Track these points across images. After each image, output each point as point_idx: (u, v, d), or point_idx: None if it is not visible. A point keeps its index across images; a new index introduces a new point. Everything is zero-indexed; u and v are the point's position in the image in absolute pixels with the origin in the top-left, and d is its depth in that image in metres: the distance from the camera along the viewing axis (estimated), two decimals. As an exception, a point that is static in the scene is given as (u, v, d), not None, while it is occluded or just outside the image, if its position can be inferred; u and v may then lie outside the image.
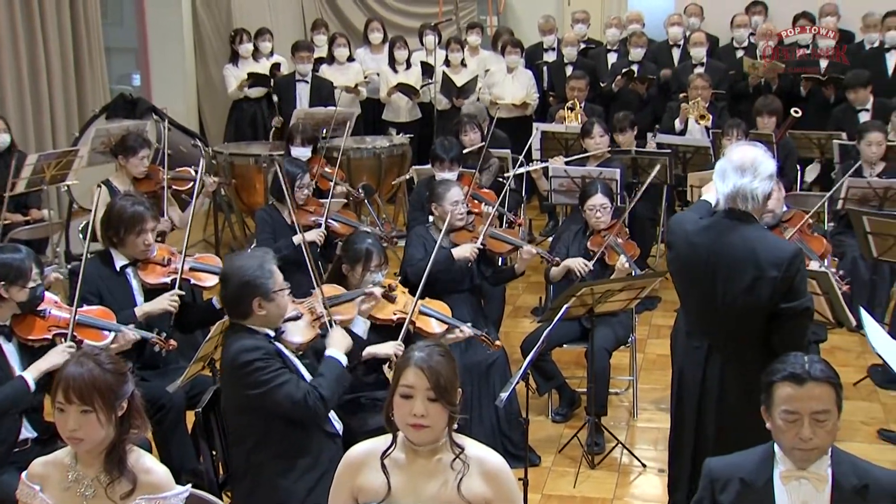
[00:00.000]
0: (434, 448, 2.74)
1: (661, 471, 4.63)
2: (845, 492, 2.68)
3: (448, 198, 5.15)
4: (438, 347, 2.82)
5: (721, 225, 3.45)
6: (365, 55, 9.61)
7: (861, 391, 5.56)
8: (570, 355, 5.76)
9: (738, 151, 3.49)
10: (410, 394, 2.69)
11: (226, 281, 3.65)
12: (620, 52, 9.22)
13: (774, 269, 3.35)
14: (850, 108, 7.85)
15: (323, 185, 6.46)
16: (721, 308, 3.44)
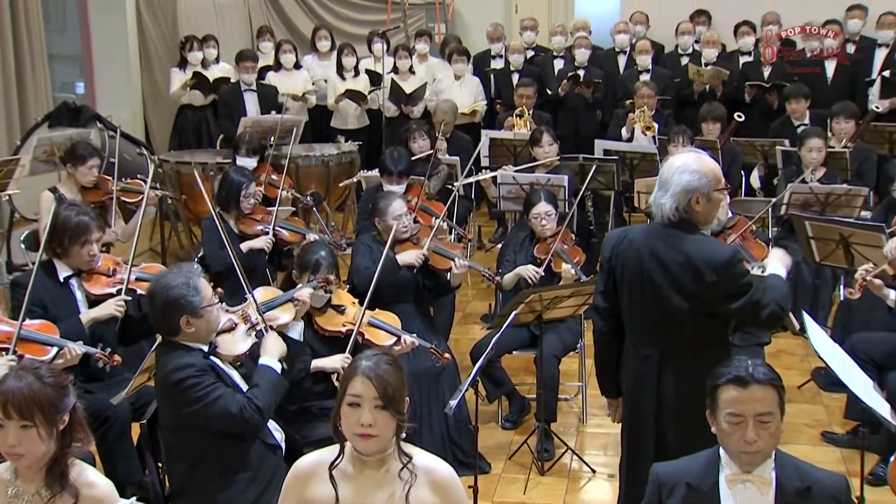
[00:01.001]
0: (382, 458, 2.72)
1: (611, 476, 4.66)
2: (789, 494, 2.71)
3: (390, 212, 5.13)
4: (386, 356, 2.81)
5: (661, 233, 3.48)
6: (313, 62, 9.56)
7: (805, 394, 5.64)
8: (519, 362, 5.77)
9: (669, 162, 3.52)
10: (358, 403, 2.67)
11: (152, 299, 3.55)
12: (567, 59, 9.29)
13: (713, 274, 3.38)
14: (789, 121, 7.98)
15: (270, 194, 6.41)
16: (671, 315, 3.46)
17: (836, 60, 8.72)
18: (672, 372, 3.48)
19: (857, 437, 4.10)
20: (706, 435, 2.82)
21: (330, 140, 8.98)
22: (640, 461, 3.58)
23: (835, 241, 5.41)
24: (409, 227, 5.21)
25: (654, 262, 3.45)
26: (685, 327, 3.48)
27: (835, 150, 6.93)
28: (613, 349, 3.68)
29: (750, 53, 9.14)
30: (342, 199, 8.33)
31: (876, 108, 8.06)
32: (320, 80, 9.33)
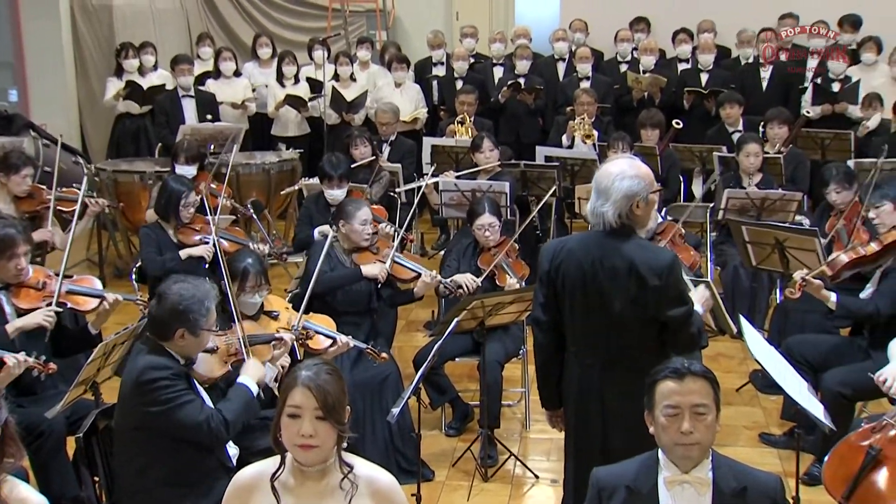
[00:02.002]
0: (323, 469, 2.71)
1: (554, 481, 4.69)
2: (725, 495, 2.76)
3: (359, 217, 5.12)
4: (326, 365, 2.79)
5: (601, 240, 3.50)
6: (253, 70, 9.49)
7: (743, 396, 5.73)
8: (462, 368, 5.78)
9: (604, 170, 3.53)
10: (298, 414, 2.65)
11: (161, 299, 3.56)
12: (506, 67, 9.33)
13: (656, 278, 3.43)
14: (724, 128, 8.11)
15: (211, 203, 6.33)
16: (615, 322, 3.49)
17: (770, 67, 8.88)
18: (616, 379, 3.51)
19: (793, 438, 4.17)
20: (651, 439, 2.86)
21: (271, 148, 8.91)
22: (587, 468, 3.60)
23: (770, 245, 5.51)
24: (370, 237, 5.21)
25: (598, 270, 3.47)
26: (628, 334, 3.51)
27: (769, 155, 7.06)
28: (555, 361, 3.69)
29: (688, 60, 9.28)
30: (283, 206, 8.28)
31: (807, 114, 8.24)
32: (261, 87, 9.26)
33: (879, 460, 3.69)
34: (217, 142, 7.67)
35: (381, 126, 7.94)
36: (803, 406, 3.67)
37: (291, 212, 8.26)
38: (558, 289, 3.57)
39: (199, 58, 9.45)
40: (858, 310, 4.69)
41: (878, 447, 3.72)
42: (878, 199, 4.79)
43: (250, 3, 11.26)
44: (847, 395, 4.54)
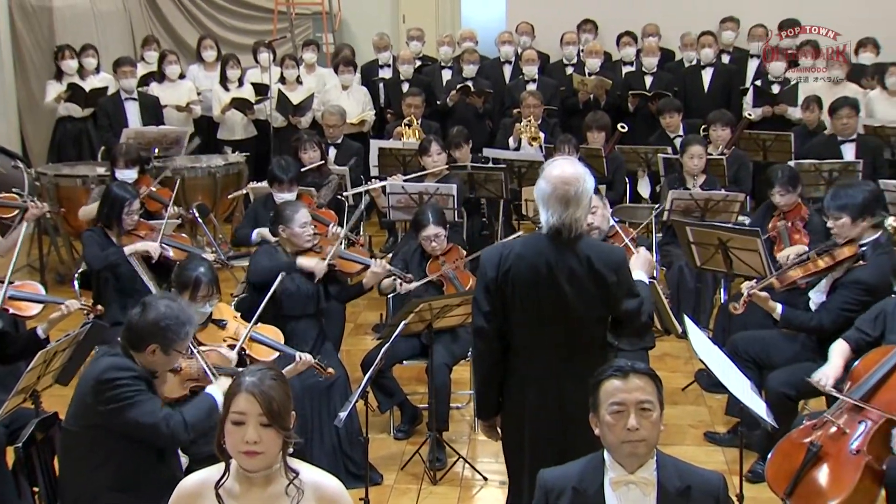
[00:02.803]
0: (268, 475, 2.69)
1: (503, 483, 4.67)
2: (670, 494, 2.78)
3: (297, 220, 5.09)
4: (271, 371, 2.77)
5: (552, 243, 3.50)
6: (198, 72, 9.38)
7: (689, 395, 5.79)
8: (410, 371, 5.77)
9: (561, 171, 3.49)
10: (242, 420, 2.63)
11: (144, 309, 3.53)
12: (454, 70, 9.35)
13: (613, 275, 3.47)
14: (664, 133, 8.20)
15: (151, 207, 6.27)
16: (571, 322, 3.49)
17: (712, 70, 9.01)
18: (575, 378, 3.50)
19: (737, 436, 4.23)
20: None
21: (217, 151, 8.81)
22: (535, 470, 3.61)
23: (714, 245, 5.58)
24: (312, 238, 5.19)
25: (554, 272, 3.46)
26: (585, 333, 3.53)
27: (712, 156, 7.16)
28: (499, 370, 3.64)
29: (632, 63, 9.37)
30: (230, 210, 8.20)
31: (748, 116, 8.37)
32: (206, 90, 9.16)
33: (820, 457, 3.78)
34: (161, 145, 7.57)
35: (328, 128, 7.91)
36: (746, 404, 3.72)
37: (238, 215, 8.16)
38: (507, 295, 3.52)
39: (143, 61, 9.33)
40: (802, 324, 4.74)
41: (818, 444, 3.81)
42: (836, 210, 4.68)
43: (195, 6, 11.14)
44: (791, 395, 4.61)
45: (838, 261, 4.66)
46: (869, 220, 4.65)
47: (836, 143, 7.41)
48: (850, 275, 4.64)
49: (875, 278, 4.57)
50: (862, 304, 4.51)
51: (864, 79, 8.67)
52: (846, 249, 4.66)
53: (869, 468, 3.68)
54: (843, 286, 4.65)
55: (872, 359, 4.01)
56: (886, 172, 7.22)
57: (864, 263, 4.62)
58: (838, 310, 4.59)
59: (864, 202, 4.64)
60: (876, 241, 4.68)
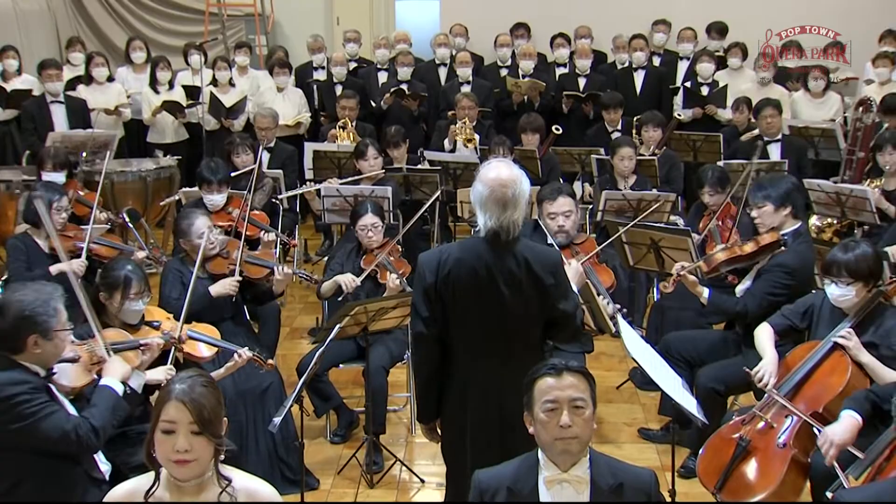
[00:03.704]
0: (200, 483, 2.66)
1: (440, 485, 4.69)
2: (603, 491, 2.82)
3: (193, 231, 5.01)
4: (201, 377, 2.74)
5: (490, 245, 3.51)
6: (127, 75, 9.23)
7: (623, 394, 5.86)
8: (347, 375, 5.75)
9: (497, 174, 3.50)
10: (172, 429, 2.60)
11: (3, 311, 3.38)
12: (390, 72, 9.34)
13: (550, 276, 3.51)
14: (604, 128, 8.31)
15: (79, 211, 6.15)
16: (510, 324, 3.51)
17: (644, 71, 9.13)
18: (511, 381, 3.49)
19: (670, 432, 4.29)
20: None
21: (147, 155, 8.67)
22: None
23: (646, 245, 5.66)
24: (216, 243, 5.11)
25: (494, 274, 3.48)
26: (524, 334, 3.56)
27: (644, 157, 7.26)
28: (438, 374, 3.65)
29: (565, 65, 9.45)
30: (162, 215, 8.08)
31: (679, 117, 8.50)
32: (135, 93, 9.01)
33: (749, 451, 3.87)
34: (90, 149, 7.43)
35: (261, 131, 7.84)
36: (678, 401, 3.78)
37: (170, 220, 8.05)
38: (447, 299, 3.52)
39: (69, 63, 9.14)
40: (728, 308, 4.85)
41: (747, 438, 3.89)
42: (760, 199, 4.88)
43: (122, 6, 10.96)
44: (720, 390, 4.70)
45: (762, 246, 4.80)
46: (790, 210, 4.84)
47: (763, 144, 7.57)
48: (772, 260, 4.79)
49: (796, 262, 4.74)
50: (785, 288, 4.66)
51: (790, 81, 8.87)
52: (768, 236, 4.82)
53: (795, 461, 3.77)
54: (766, 271, 4.79)
55: (799, 354, 4.12)
56: (810, 172, 7.40)
57: (786, 250, 4.78)
58: (763, 294, 4.72)
59: (785, 192, 4.85)
60: (796, 230, 4.86)
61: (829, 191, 6.55)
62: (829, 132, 7.87)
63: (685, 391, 3.95)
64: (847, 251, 4.10)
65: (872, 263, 4.09)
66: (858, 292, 4.07)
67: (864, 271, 4.05)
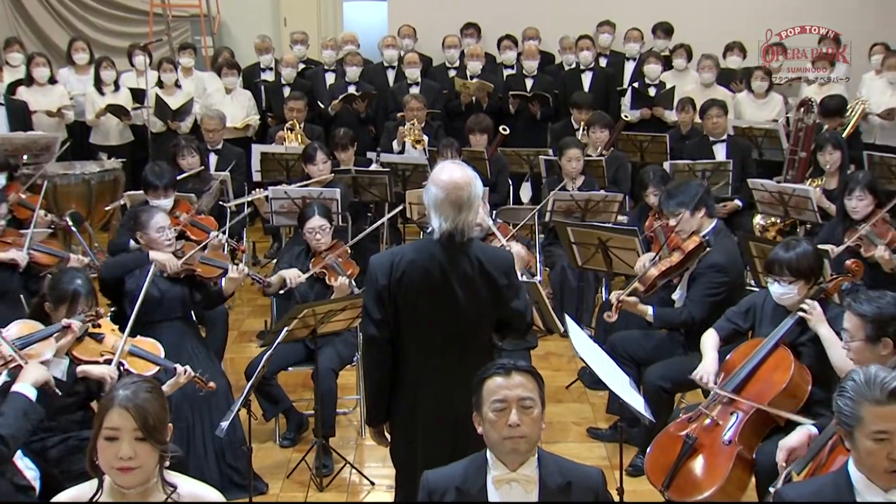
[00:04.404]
0: (144, 490, 2.62)
1: (390, 487, 4.67)
2: (551, 491, 2.83)
3: (153, 225, 4.97)
4: (146, 383, 2.69)
5: (442, 246, 3.50)
6: (70, 76, 9.07)
7: (573, 393, 5.90)
8: (296, 378, 5.72)
9: (450, 176, 3.49)
10: (116, 436, 2.56)
11: None
12: (338, 73, 9.30)
13: (504, 277, 3.52)
14: (570, 124, 8.37)
15: (21, 215, 6.03)
16: (464, 325, 3.51)
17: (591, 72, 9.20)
18: (463, 382, 3.48)
19: (618, 431, 4.32)
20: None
21: (91, 157, 8.53)
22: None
23: (594, 245, 5.71)
24: (171, 241, 5.05)
25: (448, 276, 3.47)
26: (474, 337, 3.56)
27: (591, 158, 7.31)
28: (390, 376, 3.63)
29: (513, 66, 9.49)
30: (106, 218, 7.95)
31: (625, 118, 8.58)
32: (78, 94, 8.87)
33: (695, 448, 3.91)
34: (31, 152, 7.30)
35: (208, 133, 7.77)
36: (626, 400, 3.81)
37: (115, 223, 7.93)
38: (400, 302, 3.51)
39: (8, 64, 8.96)
40: (674, 319, 4.95)
41: (694, 436, 3.93)
42: (675, 207, 5.01)
43: (64, 7, 10.77)
44: (667, 388, 4.76)
45: (688, 253, 4.91)
46: (704, 211, 5.00)
47: (708, 144, 7.68)
48: (702, 263, 4.91)
49: (725, 259, 4.90)
50: (722, 286, 4.81)
51: (733, 82, 9.00)
52: (691, 241, 4.92)
53: (741, 458, 3.82)
54: (699, 275, 4.91)
55: (743, 352, 4.17)
56: (755, 172, 7.51)
57: (711, 250, 4.91)
58: (703, 297, 4.83)
59: (696, 195, 5.01)
60: (715, 228, 5.03)
61: (773, 190, 6.66)
62: (772, 132, 8.00)
63: (632, 390, 3.99)
64: (788, 250, 4.18)
65: (813, 261, 4.18)
66: (800, 290, 4.14)
67: (805, 269, 4.14)
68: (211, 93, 9.05)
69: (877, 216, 5.50)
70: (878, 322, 3.46)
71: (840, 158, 6.71)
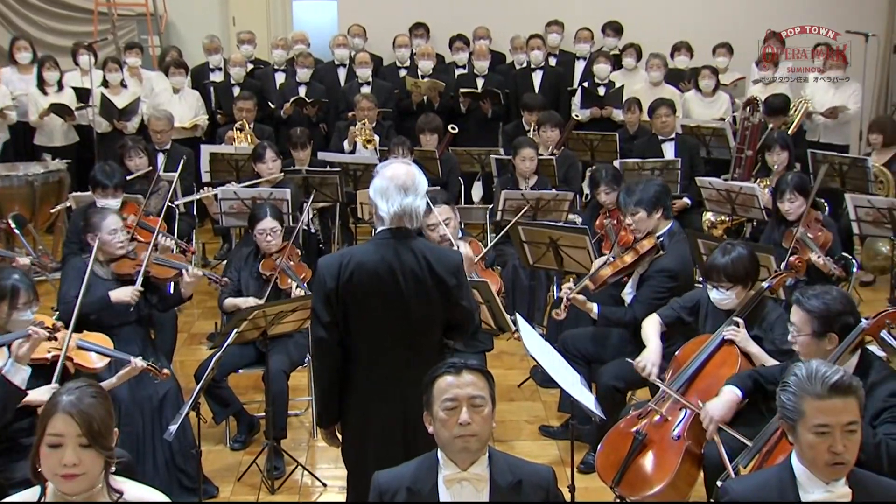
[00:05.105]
0: (89, 496, 2.58)
1: (342, 489, 4.65)
2: (502, 489, 2.84)
3: (105, 227, 4.88)
4: (90, 388, 2.65)
5: (388, 246, 3.50)
6: (12, 76, 8.90)
7: (525, 392, 5.92)
8: (247, 380, 5.67)
9: (394, 169, 3.53)
10: (59, 443, 2.51)
11: None
12: (288, 73, 9.24)
13: (452, 277, 3.51)
14: (521, 124, 8.40)
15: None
16: (414, 325, 3.51)
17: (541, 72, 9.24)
18: (413, 383, 3.46)
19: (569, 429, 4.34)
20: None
21: (35, 158, 8.39)
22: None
23: (545, 244, 5.74)
24: (124, 243, 4.97)
25: (397, 276, 3.46)
26: (424, 337, 3.55)
27: (543, 157, 7.35)
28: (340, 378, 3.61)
29: (464, 66, 9.50)
30: (51, 220, 7.82)
31: (576, 117, 8.64)
32: (21, 94, 8.70)
33: (645, 444, 3.94)
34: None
35: (155, 134, 7.68)
36: (576, 398, 3.83)
37: (60, 225, 7.81)
38: (349, 303, 3.49)
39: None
40: (618, 319, 5.00)
41: (643, 432, 3.97)
42: (633, 206, 5.02)
43: (6, 5, 10.56)
44: (620, 387, 4.80)
45: (642, 254, 4.95)
46: (661, 212, 5.02)
47: (657, 143, 7.75)
48: (653, 266, 4.95)
49: (676, 265, 4.92)
50: (669, 291, 4.83)
51: (682, 82, 9.10)
52: (646, 242, 4.97)
53: (689, 453, 3.86)
54: (649, 277, 4.94)
55: (691, 349, 4.22)
56: (703, 170, 7.60)
57: (665, 253, 4.95)
58: (649, 300, 4.86)
59: (655, 195, 5.02)
60: (670, 230, 5.05)
61: (720, 188, 6.75)
62: (719, 131, 8.11)
63: (583, 388, 4.01)
64: (724, 255, 4.26)
65: (749, 265, 4.26)
66: (738, 294, 4.25)
67: (740, 274, 4.23)
68: (159, 92, 8.95)
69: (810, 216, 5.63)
70: (824, 317, 3.51)
71: (787, 159, 6.83)
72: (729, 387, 3.81)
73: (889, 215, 6.14)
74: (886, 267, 6.69)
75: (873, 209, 6.21)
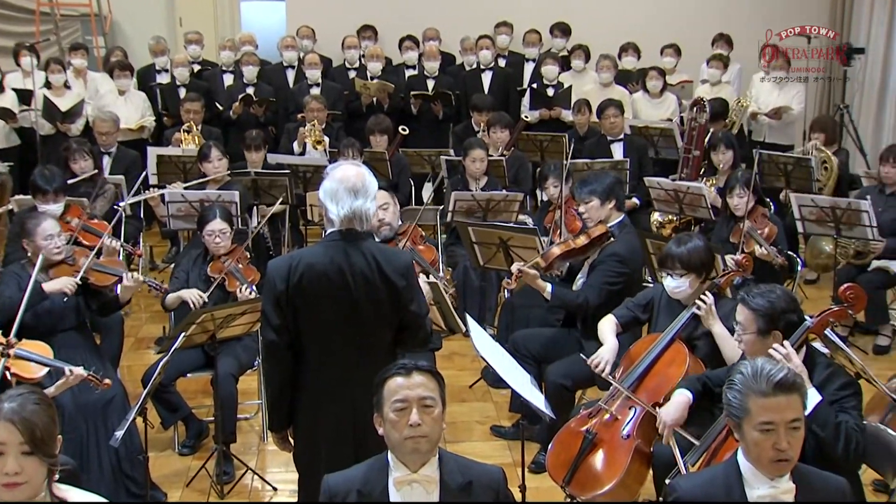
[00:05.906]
0: (32, 505, 2.52)
1: (293, 492, 4.61)
2: (452, 490, 2.84)
3: (40, 232, 4.79)
4: (33, 394, 2.60)
5: (337, 247, 3.48)
6: (-51, 77, 8.72)
7: (476, 392, 5.92)
8: (195, 384, 5.61)
9: (343, 171, 3.52)
10: (1, 451, 2.46)
11: None
12: (235, 74, 9.16)
13: (402, 279, 3.50)
14: (470, 126, 8.41)
15: None
16: (364, 327, 3.49)
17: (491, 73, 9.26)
18: (364, 385, 3.44)
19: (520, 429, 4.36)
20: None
21: (-24, 161, 8.22)
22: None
23: (496, 244, 5.74)
24: (62, 248, 4.88)
25: (347, 278, 3.44)
26: (374, 339, 3.54)
27: (493, 158, 7.37)
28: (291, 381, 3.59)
29: (414, 67, 9.49)
30: (-9, 226, 7.68)
31: (525, 118, 8.68)
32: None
33: (595, 443, 3.97)
34: None
35: (101, 136, 7.56)
36: (526, 398, 3.85)
37: (2, 229, 7.66)
38: (299, 306, 3.47)
39: None
40: (570, 301, 5.03)
41: (593, 431, 4.00)
42: (586, 194, 5.14)
43: (-57, 4, 10.35)
44: (567, 385, 4.83)
45: (593, 238, 5.03)
46: (614, 203, 5.14)
47: (606, 144, 7.82)
48: (604, 251, 5.03)
49: (626, 250, 5.03)
50: (620, 276, 4.94)
51: (630, 83, 9.18)
52: (597, 229, 5.05)
53: (639, 451, 3.90)
54: (600, 263, 5.03)
55: (641, 347, 4.27)
56: (651, 170, 7.68)
57: (615, 241, 5.04)
58: (601, 284, 4.94)
59: (609, 186, 5.15)
60: (621, 222, 5.17)
61: (668, 188, 6.83)
62: (667, 131, 8.19)
63: (533, 388, 4.02)
64: (680, 245, 4.33)
65: (704, 256, 4.33)
66: (692, 283, 4.29)
67: (696, 263, 4.29)
68: (104, 94, 8.82)
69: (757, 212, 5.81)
70: (769, 316, 3.56)
71: (732, 157, 6.95)
72: (680, 390, 3.87)
73: (832, 214, 6.25)
74: (829, 265, 6.80)
75: (817, 208, 6.32)
